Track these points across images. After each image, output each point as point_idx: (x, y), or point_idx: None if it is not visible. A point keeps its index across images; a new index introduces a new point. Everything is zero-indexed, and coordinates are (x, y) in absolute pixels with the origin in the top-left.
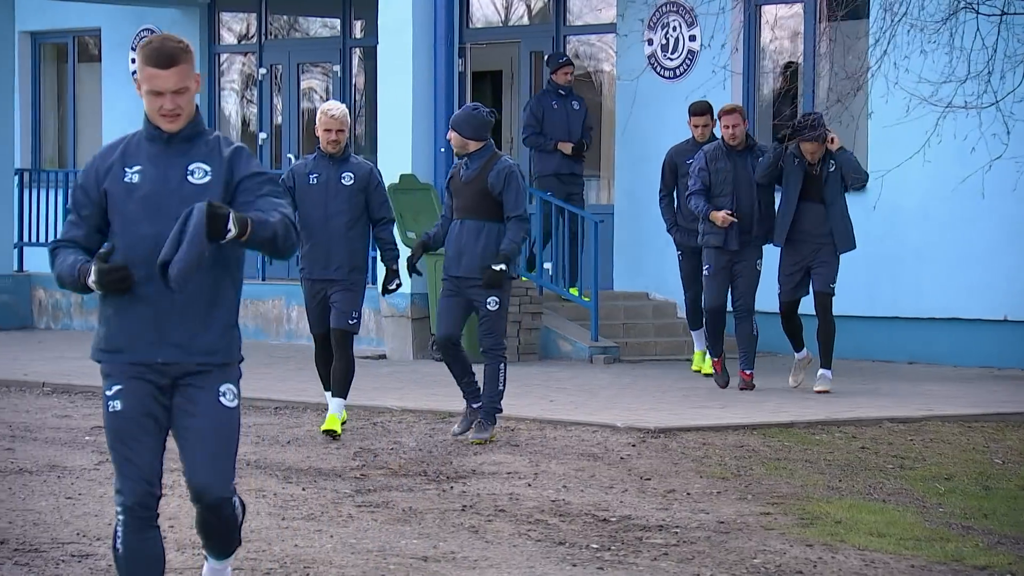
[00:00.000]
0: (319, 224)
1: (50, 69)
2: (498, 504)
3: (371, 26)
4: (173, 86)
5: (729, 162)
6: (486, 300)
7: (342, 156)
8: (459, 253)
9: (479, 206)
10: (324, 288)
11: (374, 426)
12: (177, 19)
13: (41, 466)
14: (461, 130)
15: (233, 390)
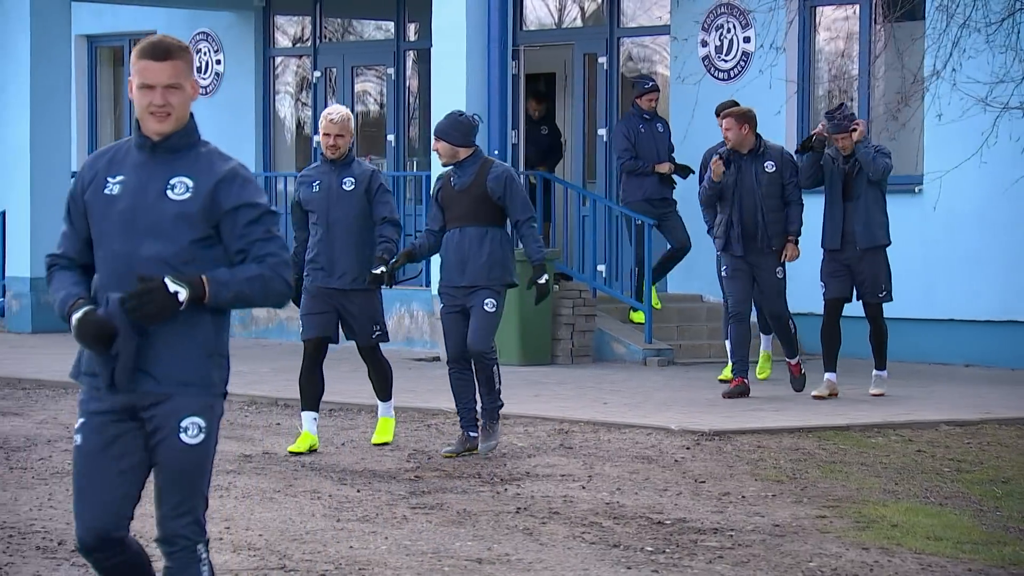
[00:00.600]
0: (323, 230)
1: (106, 72)
2: (552, 506)
3: (425, 29)
4: (165, 80)
5: (735, 166)
6: (483, 302)
7: (344, 161)
8: (462, 261)
9: (478, 213)
10: (330, 297)
11: (428, 428)
12: (232, 22)
13: None
14: (450, 138)
15: (199, 424)
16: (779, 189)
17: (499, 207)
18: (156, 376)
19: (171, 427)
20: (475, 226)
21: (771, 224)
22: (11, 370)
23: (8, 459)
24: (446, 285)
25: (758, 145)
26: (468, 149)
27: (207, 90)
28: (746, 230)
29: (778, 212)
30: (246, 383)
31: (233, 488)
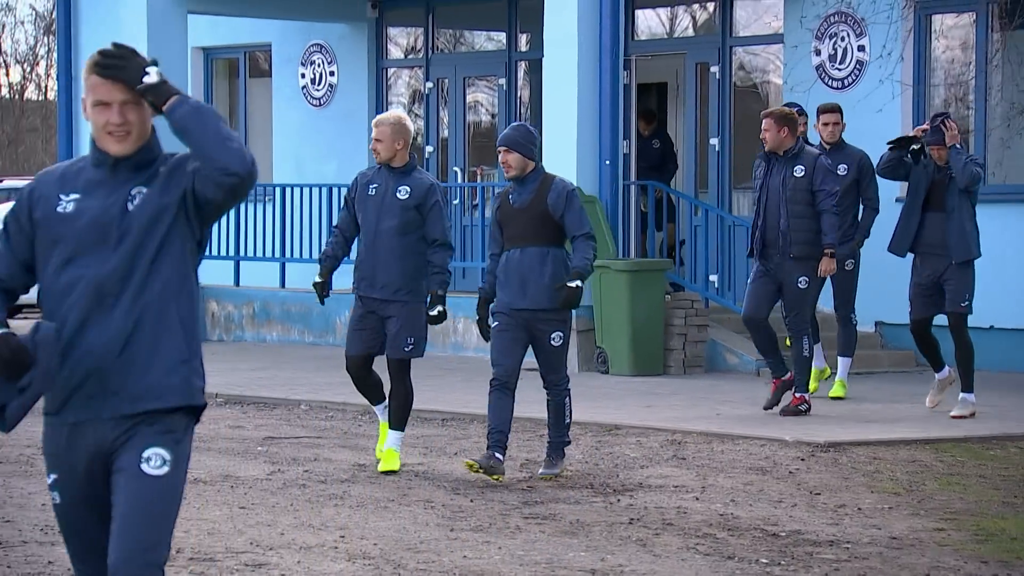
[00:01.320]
0: (370, 238)
1: (222, 84)
2: (666, 517)
3: (537, 39)
4: (121, 96)
5: (766, 169)
6: (551, 335)
7: (404, 168)
8: (523, 283)
9: (539, 232)
10: (373, 308)
11: (540, 439)
12: (345, 34)
13: (215, 476)
14: (523, 150)
15: (161, 455)
16: (807, 195)
17: (560, 226)
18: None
19: (135, 456)
20: (536, 246)
21: (794, 231)
22: None
23: None
24: (505, 307)
25: (793, 148)
26: (533, 164)
27: (320, 101)
28: (767, 235)
29: (803, 219)
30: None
31: (348, 497)
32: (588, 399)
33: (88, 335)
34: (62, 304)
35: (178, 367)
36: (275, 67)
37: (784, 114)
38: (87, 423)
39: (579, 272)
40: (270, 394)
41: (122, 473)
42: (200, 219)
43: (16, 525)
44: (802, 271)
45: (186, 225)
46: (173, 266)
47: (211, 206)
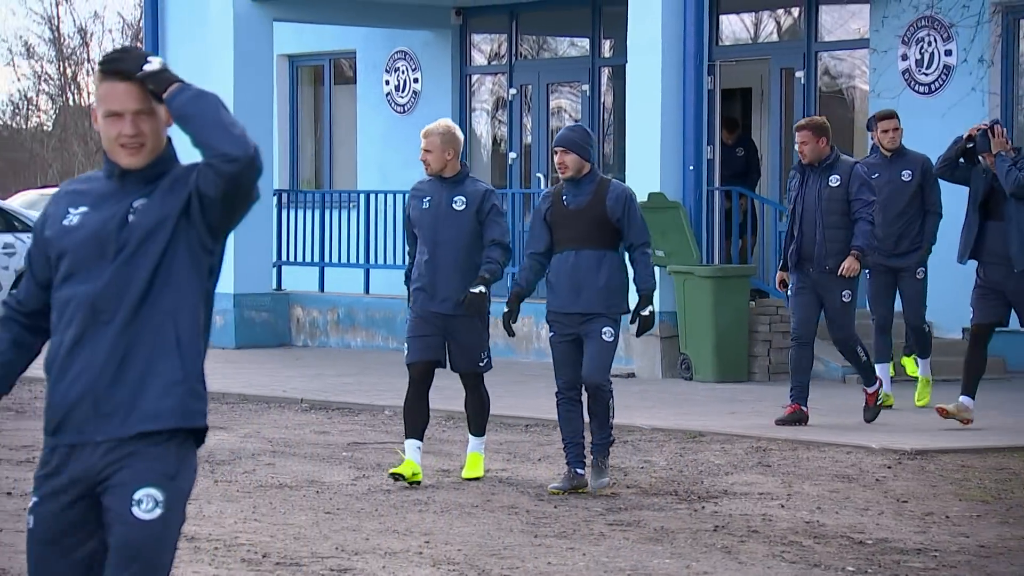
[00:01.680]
0: (429, 251)
1: (307, 91)
2: (751, 525)
3: (620, 45)
4: (134, 105)
5: (801, 179)
6: (601, 330)
7: (455, 179)
8: (576, 287)
9: (595, 235)
10: (434, 322)
11: (624, 445)
12: (429, 41)
13: (300, 481)
14: (582, 151)
15: (153, 496)
16: (843, 205)
17: (616, 230)
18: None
19: (125, 499)
20: (591, 249)
21: (830, 242)
22: (216, 385)
23: (213, 472)
24: (558, 312)
25: (829, 157)
26: (589, 165)
27: (404, 108)
28: (803, 248)
29: (840, 230)
30: (444, 398)
31: (432, 503)
32: (672, 405)
33: (82, 354)
34: (60, 321)
35: (172, 388)
36: (360, 74)
37: (820, 124)
38: (81, 447)
39: (647, 297)
40: (355, 399)
41: (112, 515)
42: (208, 225)
43: None
44: (844, 285)
45: (192, 234)
46: (175, 281)
47: (217, 205)
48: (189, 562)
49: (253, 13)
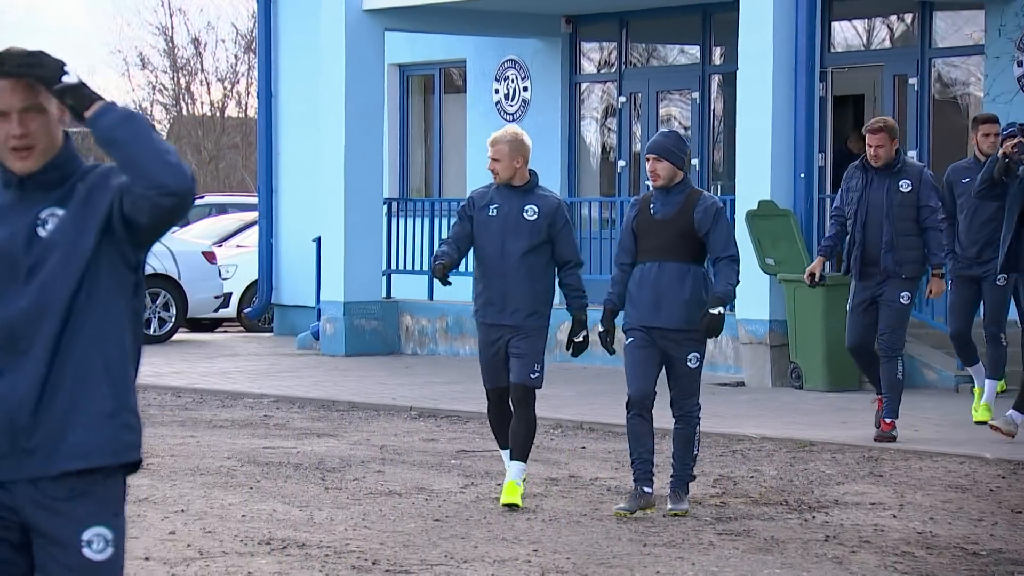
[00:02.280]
0: (495, 261)
1: (417, 100)
2: (862, 535)
3: (731, 52)
4: (20, 102)
5: (863, 181)
6: (687, 356)
7: (526, 187)
8: (657, 300)
9: (681, 247)
10: (500, 335)
11: (733, 454)
12: (539, 49)
13: (409, 488)
14: (675, 159)
15: (103, 536)
16: (914, 212)
17: (703, 243)
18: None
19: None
20: (676, 262)
21: (904, 250)
22: (326, 392)
23: (324, 479)
24: (637, 325)
25: (897, 160)
26: (681, 174)
27: (514, 116)
28: (867, 252)
29: (911, 237)
30: (552, 406)
31: (540, 511)
32: (782, 414)
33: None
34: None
35: (104, 422)
36: (469, 83)
37: (894, 126)
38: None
39: (721, 298)
40: (463, 407)
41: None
42: (133, 243)
43: (217, 535)
44: (906, 287)
45: (114, 251)
46: (98, 302)
47: (145, 230)
48: (300, 569)
49: (365, 23)
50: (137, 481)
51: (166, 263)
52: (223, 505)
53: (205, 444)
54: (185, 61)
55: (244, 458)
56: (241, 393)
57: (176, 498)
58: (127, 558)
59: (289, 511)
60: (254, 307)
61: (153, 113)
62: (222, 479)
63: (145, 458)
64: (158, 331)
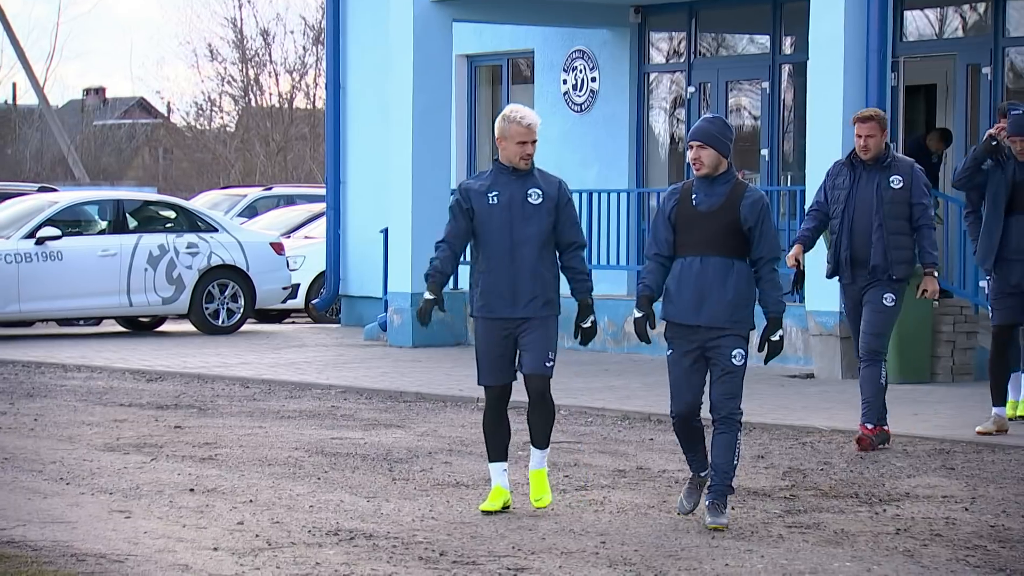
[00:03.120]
0: (503, 253)
1: (485, 90)
2: (934, 528)
3: (801, 42)
4: None
5: (851, 178)
6: (731, 352)
7: (528, 171)
8: (700, 297)
9: (725, 241)
10: (510, 330)
11: (803, 446)
12: (607, 39)
13: (477, 480)
14: (720, 146)
15: None
16: (906, 209)
17: (746, 238)
18: None
19: None
20: (720, 256)
21: (896, 249)
22: (394, 384)
23: (391, 470)
24: (676, 324)
25: (887, 155)
26: (726, 163)
27: (581, 107)
28: (856, 252)
29: (905, 236)
30: (619, 398)
31: (608, 503)
32: (852, 407)
33: None
34: None
35: None
36: (537, 73)
37: (884, 116)
38: None
39: (778, 320)
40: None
41: None
42: None
43: (285, 526)
44: (892, 288)
45: None
46: None
47: None
48: (367, 560)
49: (433, 14)
50: (206, 472)
51: (234, 254)
52: (291, 496)
53: (273, 435)
54: (254, 53)
55: (312, 449)
56: (309, 384)
57: (244, 489)
58: (196, 548)
59: (356, 502)
60: (322, 298)
61: (222, 104)
62: (290, 470)
63: (214, 448)
64: (226, 322)
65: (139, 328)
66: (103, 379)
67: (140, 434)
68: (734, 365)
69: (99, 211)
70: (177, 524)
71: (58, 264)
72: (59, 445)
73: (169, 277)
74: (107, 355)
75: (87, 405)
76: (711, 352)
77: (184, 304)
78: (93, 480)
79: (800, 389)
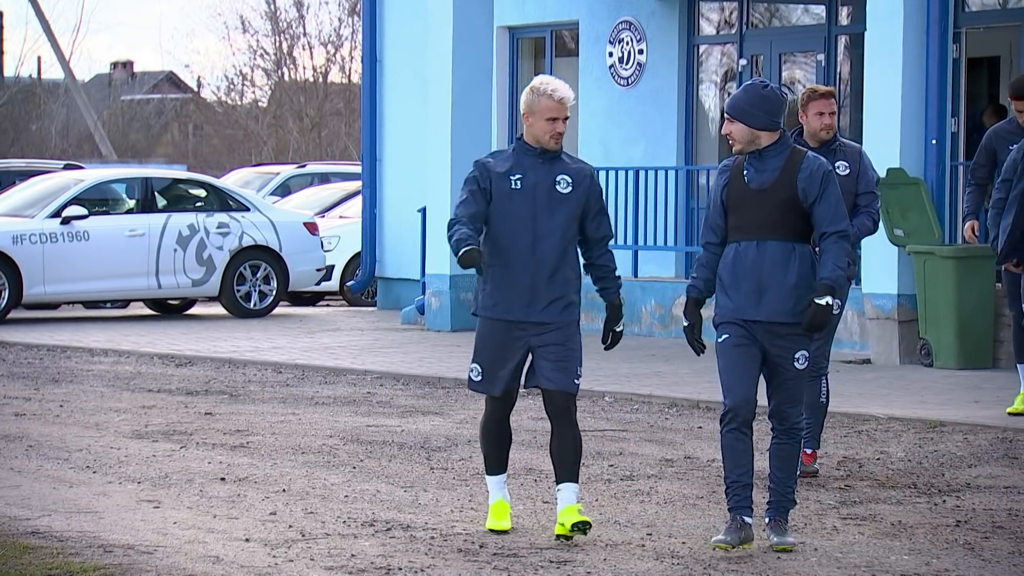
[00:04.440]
0: (523, 246)
1: (527, 63)
2: (996, 520)
3: (859, 12)
4: None
5: None
6: (794, 356)
7: (556, 152)
8: (759, 287)
9: (783, 222)
10: (524, 335)
11: (859, 435)
12: (656, 10)
13: (518, 469)
14: (750, 119)
15: None
16: (851, 198)
17: (808, 215)
18: None
19: None
20: (779, 240)
21: None
22: (431, 369)
23: (429, 459)
24: (732, 315)
25: (835, 139)
26: (772, 134)
27: (628, 81)
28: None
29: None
30: (667, 384)
31: (655, 493)
32: (911, 393)
33: None
34: None
35: None
36: (582, 46)
37: (834, 93)
38: None
39: (829, 285)
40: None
41: None
42: None
43: (319, 516)
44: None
45: None
46: None
47: None
48: (405, 552)
49: None
50: (237, 460)
51: (267, 234)
52: (325, 485)
53: (307, 422)
54: (287, 24)
55: (347, 436)
56: (344, 369)
57: (277, 478)
58: (228, 539)
59: (393, 491)
60: (357, 280)
61: (254, 79)
62: (324, 458)
63: (245, 436)
64: (258, 305)
65: (168, 311)
66: (131, 364)
67: (169, 421)
68: (796, 369)
69: (127, 189)
70: (208, 514)
71: (84, 245)
72: (86, 432)
73: (199, 258)
74: (135, 339)
75: (114, 391)
76: (771, 352)
77: (215, 286)
78: (121, 469)
79: (856, 375)
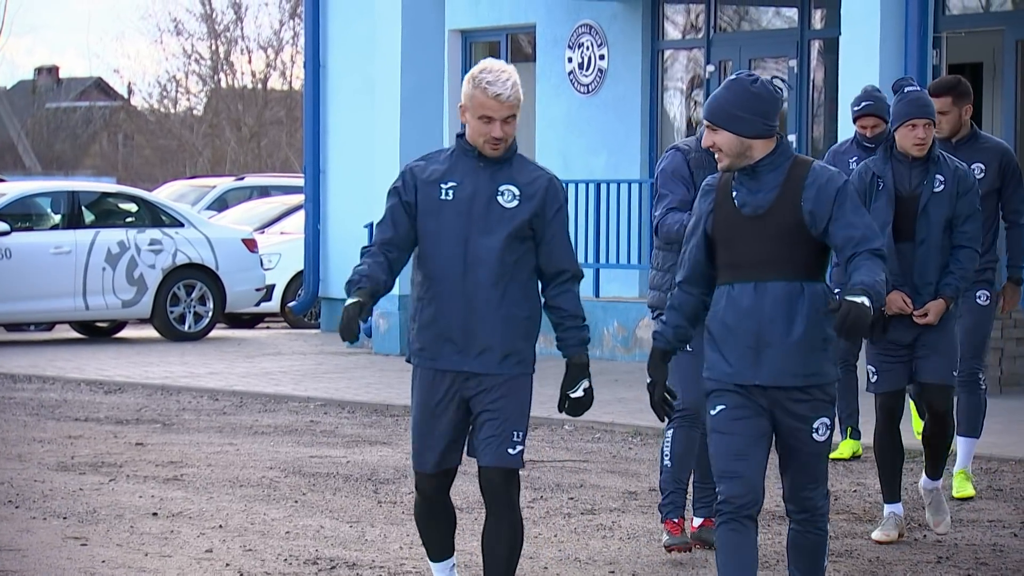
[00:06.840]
0: (453, 273)
1: None
2: (979, 556)
3: (833, 15)
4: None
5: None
6: (812, 425)
7: (503, 157)
8: (757, 342)
9: (787, 255)
10: (457, 388)
11: (833, 465)
12: (618, 13)
13: (472, 503)
14: (737, 125)
15: None
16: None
17: (819, 245)
18: None
19: None
20: (781, 280)
21: None
22: (379, 396)
23: (377, 492)
24: (726, 379)
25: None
26: (767, 142)
27: (588, 88)
28: None
29: None
30: (630, 412)
31: (617, 528)
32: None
33: None
34: None
35: None
36: (540, 51)
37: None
38: None
39: (865, 287)
40: (532, 412)
41: None
42: None
43: (258, 554)
44: None
45: None
46: None
47: None
48: None
49: None
50: (170, 494)
51: (202, 252)
52: (265, 520)
53: (245, 453)
54: (224, 27)
55: (288, 468)
56: (285, 396)
57: (213, 513)
58: None
59: (338, 527)
60: (299, 300)
61: (188, 86)
62: (264, 491)
63: (179, 468)
64: (193, 327)
65: (96, 334)
66: (56, 391)
67: (97, 452)
68: (816, 443)
69: (52, 204)
70: (139, 552)
71: (6, 263)
72: (7, 464)
73: (130, 277)
74: (60, 364)
75: (38, 420)
76: (783, 423)
77: (146, 307)
78: (45, 503)
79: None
